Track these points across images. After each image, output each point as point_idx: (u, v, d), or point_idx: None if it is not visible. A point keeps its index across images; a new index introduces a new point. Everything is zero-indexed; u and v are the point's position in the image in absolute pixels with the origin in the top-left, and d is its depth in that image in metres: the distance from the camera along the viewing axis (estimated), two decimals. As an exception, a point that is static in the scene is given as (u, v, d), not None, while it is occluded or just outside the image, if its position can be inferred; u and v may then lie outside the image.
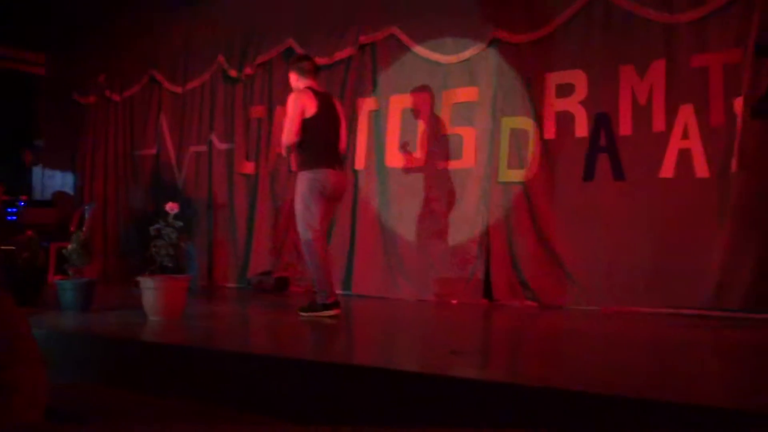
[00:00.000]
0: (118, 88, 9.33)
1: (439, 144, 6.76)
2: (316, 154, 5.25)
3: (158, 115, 8.96)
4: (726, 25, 5.43)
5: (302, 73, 5.49)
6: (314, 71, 5.55)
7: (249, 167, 8.11)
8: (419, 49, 6.87)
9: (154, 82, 9.01)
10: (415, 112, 6.91)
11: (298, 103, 5.25)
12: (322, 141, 5.29)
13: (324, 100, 5.36)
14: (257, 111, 8.06)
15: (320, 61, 6.96)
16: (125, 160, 9.26)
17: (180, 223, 5.28)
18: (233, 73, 8.21)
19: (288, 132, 5.20)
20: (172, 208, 5.27)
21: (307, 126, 5.22)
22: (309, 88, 5.39)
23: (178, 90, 8.75)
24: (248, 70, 8.06)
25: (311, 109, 5.24)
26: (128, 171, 9.22)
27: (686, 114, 5.57)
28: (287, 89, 7.68)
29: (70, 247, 5.55)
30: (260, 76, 8.05)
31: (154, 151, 8.97)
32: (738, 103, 5.30)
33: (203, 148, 8.51)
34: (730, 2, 5.38)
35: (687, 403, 2.50)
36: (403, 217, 6.91)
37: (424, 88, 6.85)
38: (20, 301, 2.92)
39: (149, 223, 5.38)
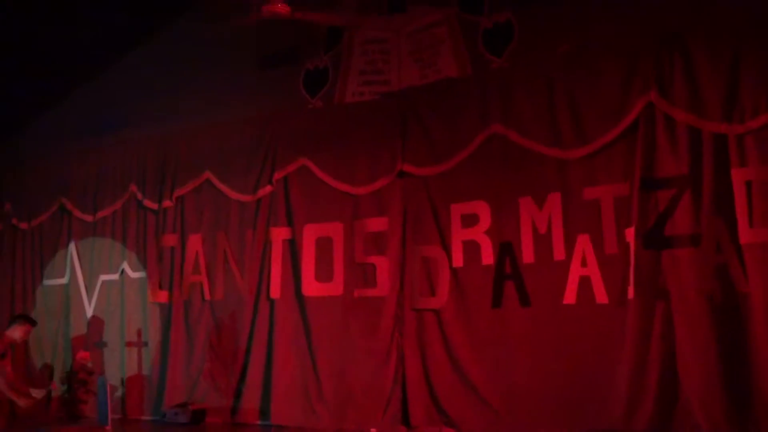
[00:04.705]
0: (25, 216, 9.18)
1: (354, 272, 6.91)
2: None
3: (68, 244, 8.84)
4: (612, 161, 5.84)
5: None
6: None
7: (162, 296, 8.03)
8: (330, 180, 7.09)
9: (63, 209, 8.91)
10: (329, 242, 7.06)
11: None
12: None
13: None
14: (170, 239, 8.06)
15: (244, 198, 7.42)
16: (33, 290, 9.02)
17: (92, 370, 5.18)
18: (151, 204, 8.18)
19: None
20: (83, 357, 5.19)
21: None
22: None
23: (89, 218, 8.67)
24: (167, 203, 8.07)
25: None
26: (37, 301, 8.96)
27: (583, 243, 5.90)
28: (199, 218, 7.87)
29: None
30: (173, 204, 8.09)
31: (63, 280, 8.80)
32: (629, 233, 5.67)
33: (115, 276, 8.41)
34: (615, 140, 5.81)
35: None
36: (321, 344, 6.97)
37: (336, 218, 7.04)
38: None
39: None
